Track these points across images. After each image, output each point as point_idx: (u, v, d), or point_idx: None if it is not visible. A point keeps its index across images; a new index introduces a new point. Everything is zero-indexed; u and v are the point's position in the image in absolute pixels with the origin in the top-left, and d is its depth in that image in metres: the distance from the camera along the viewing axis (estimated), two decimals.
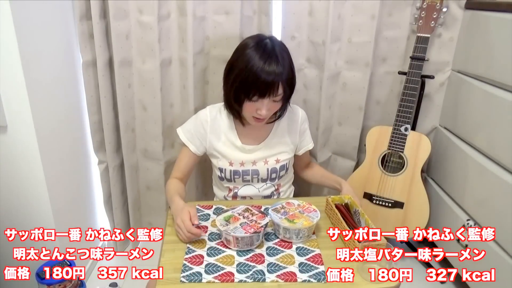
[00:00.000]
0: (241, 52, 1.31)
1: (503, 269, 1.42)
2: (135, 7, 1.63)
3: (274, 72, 1.24)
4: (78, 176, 1.80)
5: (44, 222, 1.53)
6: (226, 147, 1.46)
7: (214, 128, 1.46)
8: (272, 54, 1.26)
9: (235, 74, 1.30)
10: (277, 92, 1.27)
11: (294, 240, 1.17)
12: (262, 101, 1.28)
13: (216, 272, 1.04)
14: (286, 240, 1.18)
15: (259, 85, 1.24)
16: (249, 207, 1.23)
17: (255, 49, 1.27)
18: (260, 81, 1.24)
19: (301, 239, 1.17)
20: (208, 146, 1.47)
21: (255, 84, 1.25)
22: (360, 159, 2.01)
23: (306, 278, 1.03)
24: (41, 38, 1.43)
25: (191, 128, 1.49)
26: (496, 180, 1.46)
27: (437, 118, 1.89)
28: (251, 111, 1.33)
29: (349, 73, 1.82)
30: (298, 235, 1.15)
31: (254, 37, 1.35)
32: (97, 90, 1.74)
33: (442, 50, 1.76)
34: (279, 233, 1.19)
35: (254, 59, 1.25)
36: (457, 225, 1.68)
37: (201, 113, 1.49)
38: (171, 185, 1.43)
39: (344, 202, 1.31)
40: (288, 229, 1.15)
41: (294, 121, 1.51)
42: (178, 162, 1.51)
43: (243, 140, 1.45)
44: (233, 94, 1.32)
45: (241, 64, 1.27)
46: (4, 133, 1.38)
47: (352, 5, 1.70)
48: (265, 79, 1.23)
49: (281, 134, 1.49)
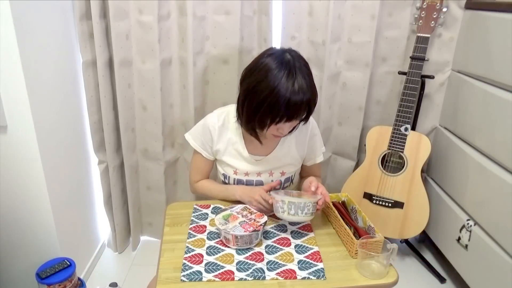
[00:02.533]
0: (264, 74, 1.17)
1: (503, 269, 1.41)
2: (135, 7, 1.64)
3: (302, 95, 1.16)
4: (78, 176, 1.80)
5: (44, 222, 1.53)
6: (232, 157, 1.40)
7: (221, 136, 1.38)
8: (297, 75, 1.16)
9: (261, 99, 1.17)
10: (303, 113, 1.22)
11: (299, 216, 1.14)
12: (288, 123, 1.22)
13: (216, 270, 1.04)
14: (289, 219, 1.15)
15: (289, 110, 1.17)
16: (247, 206, 1.23)
17: (279, 70, 1.16)
18: (290, 106, 1.15)
19: (306, 215, 1.14)
20: (214, 152, 1.42)
21: (284, 110, 1.16)
22: (360, 159, 2.01)
23: (306, 275, 1.03)
24: (41, 38, 1.43)
25: (199, 134, 1.40)
26: (496, 180, 1.46)
27: (437, 118, 1.89)
28: (273, 131, 1.26)
29: (349, 73, 1.82)
30: (304, 210, 1.13)
31: (275, 55, 1.20)
32: (97, 90, 1.74)
33: (442, 50, 1.77)
34: (283, 211, 1.14)
35: (281, 83, 1.14)
36: (457, 225, 1.68)
37: (209, 120, 1.39)
38: (208, 184, 1.44)
39: (341, 200, 1.32)
40: (293, 203, 1.13)
41: (303, 132, 1.41)
42: (197, 167, 1.45)
43: (250, 151, 1.38)
44: (258, 119, 1.21)
45: (266, 88, 1.16)
46: (4, 133, 1.38)
47: (352, 5, 1.70)
48: (295, 104, 1.16)
49: (288, 146, 1.40)
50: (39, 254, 1.57)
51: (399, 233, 1.84)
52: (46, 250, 1.57)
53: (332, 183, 2.05)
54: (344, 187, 1.91)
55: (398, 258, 2.02)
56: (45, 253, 1.57)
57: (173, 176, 2.02)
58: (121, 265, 1.99)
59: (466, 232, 1.62)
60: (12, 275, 1.60)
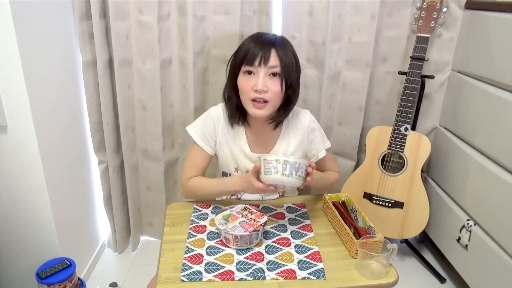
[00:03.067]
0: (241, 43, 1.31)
1: (503, 269, 1.41)
2: (135, 7, 1.64)
3: (268, 40, 1.24)
4: (78, 176, 1.80)
5: (44, 222, 1.53)
6: (234, 152, 1.39)
7: (224, 129, 1.37)
8: (270, 35, 1.28)
9: (232, 58, 1.30)
10: (269, 60, 1.22)
11: (293, 177, 1.10)
12: (257, 73, 1.23)
13: (216, 270, 1.04)
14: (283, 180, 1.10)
15: (251, 52, 1.23)
16: (247, 206, 1.23)
17: (252, 36, 1.29)
18: (252, 48, 1.23)
19: (299, 178, 1.11)
20: (217, 144, 1.39)
21: (247, 52, 1.23)
22: (360, 159, 2.01)
23: (306, 275, 1.03)
24: (41, 38, 1.43)
25: (203, 127, 1.38)
26: (496, 180, 1.46)
27: (437, 118, 1.89)
28: (247, 90, 1.24)
29: (349, 73, 1.82)
30: (298, 171, 1.10)
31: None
32: (97, 90, 1.74)
33: (442, 50, 1.77)
34: (276, 171, 1.09)
35: (250, 40, 1.27)
36: (457, 225, 1.68)
37: (213, 111, 1.39)
38: (201, 180, 1.36)
39: (341, 200, 1.32)
40: (288, 162, 1.09)
41: (300, 128, 1.40)
42: (194, 162, 1.39)
43: (252, 148, 1.38)
44: (230, 74, 1.31)
45: (238, 49, 1.29)
46: (4, 133, 1.38)
47: (352, 5, 1.70)
48: (258, 46, 1.23)
49: (287, 143, 1.39)
50: (39, 254, 1.57)
51: (399, 233, 1.84)
52: (46, 250, 1.57)
53: None
54: (344, 187, 1.91)
55: (398, 258, 2.02)
56: (45, 253, 1.57)
57: (173, 176, 2.02)
58: (121, 265, 1.99)
59: (466, 232, 1.62)
60: (12, 275, 1.60)
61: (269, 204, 1.36)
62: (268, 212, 1.31)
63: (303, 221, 1.27)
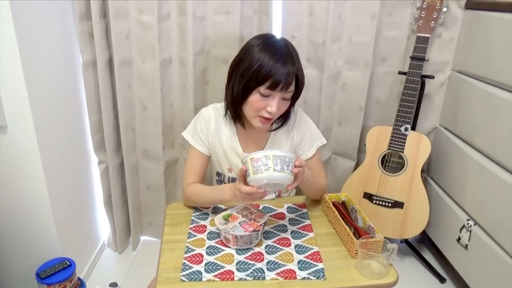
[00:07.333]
0: (247, 51, 1.23)
1: (503, 269, 1.41)
2: (135, 7, 1.64)
3: (290, 64, 1.18)
4: (78, 176, 1.80)
5: (44, 222, 1.53)
6: (227, 153, 1.39)
7: (217, 130, 1.38)
8: (285, 50, 1.21)
9: (244, 67, 1.21)
10: (290, 86, 1.20)
11: (285, 172, 1.05)
12: (273, 96, 1.21)
13: (216, 270, 1.04)
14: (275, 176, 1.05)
15: (276, 78, 1.17)
16: (247, 206, 1.23)
17: (264, 47, 1.21)
18: (277, 74, 1.16)
19: (290, 173, 1.07)
20: (210, 144, 1.40)
21: (270, 76, 1.17)
22: (360, 159, 2.01)
23: (306, 276, 1.03)
24: (41, 38, 1.43)
25: (195, 129, 1.39)
26: (496, 180, 1.46)
27: (437, 118, 1.89)
28: (259, 109, 1.23)
29: (349, 73, 1.82)
30: (288, 166, 1.07)
31: (259, 36, 1.28)
32: (97, 90, 1.74)
33: (442, 50, 1.77)
34: (267, 168, 1.05)
35: (265, 54, 1.18)
36: (457, 225, 1.68)
37: (205, 112, 1.40)
38: (198, 187, 1.34)
39: (341, 199, 1.32)
40: (279, 157, 1.06)
41: (290, 124, 1.40)
42: (191, 166, 1.39)
43: (244, 148, 1.38)
44: (242, 87, 1.22)
45: (251, 59, 1.20)
46: (4, 133, 1.38)
47: (352, 5, 1.70)
48: (281, 71, 1.16)
49: (279, 142, 1.39)
50: (39, 254, 1.57)
51: (399, 233, 1.84)
52: (46, 250, 1.57)
53: (332, 183, 2.05)
54: (344, 187, 1.91)
55: (398, 258, 2.02)
56: (45, 253, 1.57)
57: (173, 176, 2.02)
58: (121, 265, 1.99)
59: (466, 232, 1.62)
60: (12, 275, 1.60)
61: (269, 204, 1.36)
62: (268, 212, 1.31)
63: (303, 221, 1.27)
